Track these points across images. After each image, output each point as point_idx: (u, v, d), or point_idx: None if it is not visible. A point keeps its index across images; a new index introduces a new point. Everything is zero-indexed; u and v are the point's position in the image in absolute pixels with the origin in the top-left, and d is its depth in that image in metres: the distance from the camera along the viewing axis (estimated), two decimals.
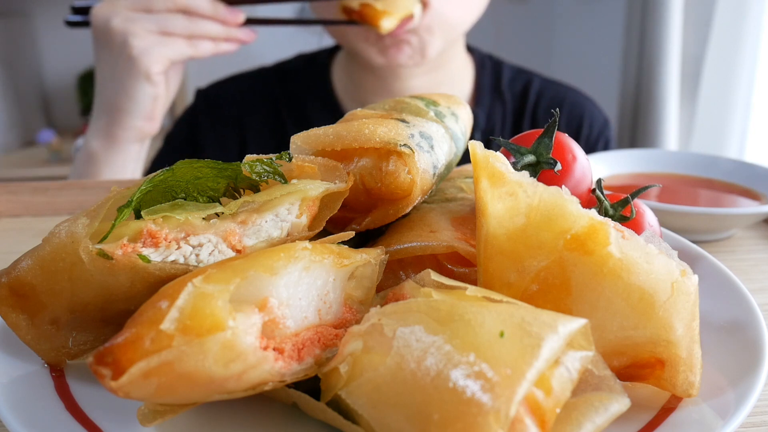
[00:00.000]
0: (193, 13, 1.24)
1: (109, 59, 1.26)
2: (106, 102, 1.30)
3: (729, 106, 2.54)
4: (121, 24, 1.22)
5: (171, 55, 1.25)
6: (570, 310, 0.52)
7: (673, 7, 2.61)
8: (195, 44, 1.26)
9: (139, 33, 1.22)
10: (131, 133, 1.30)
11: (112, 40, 1.24)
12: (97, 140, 1.31)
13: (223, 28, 1.27)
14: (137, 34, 1.22)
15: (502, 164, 0.56)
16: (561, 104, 1.62)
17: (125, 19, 1.22)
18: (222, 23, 1.26)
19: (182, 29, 1.24)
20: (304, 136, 0.63)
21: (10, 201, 1.11)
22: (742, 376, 0.56)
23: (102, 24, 1.24)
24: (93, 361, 0.42)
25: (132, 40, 1.22)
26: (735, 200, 1.08)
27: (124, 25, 1.22)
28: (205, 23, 1.25)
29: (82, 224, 0.51)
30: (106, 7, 1.25)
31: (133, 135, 1.30)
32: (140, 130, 1.30)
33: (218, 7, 1.25)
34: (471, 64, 1.64)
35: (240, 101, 1.64)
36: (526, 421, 0.43)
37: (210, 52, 1.28)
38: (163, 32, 1.23)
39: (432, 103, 0.75)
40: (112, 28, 1.23)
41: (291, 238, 0.57)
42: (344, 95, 1.59)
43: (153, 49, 1.22)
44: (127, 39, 1.22)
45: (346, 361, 0.48)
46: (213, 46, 1.28)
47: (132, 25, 1.22)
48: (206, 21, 1.25)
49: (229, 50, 1.30)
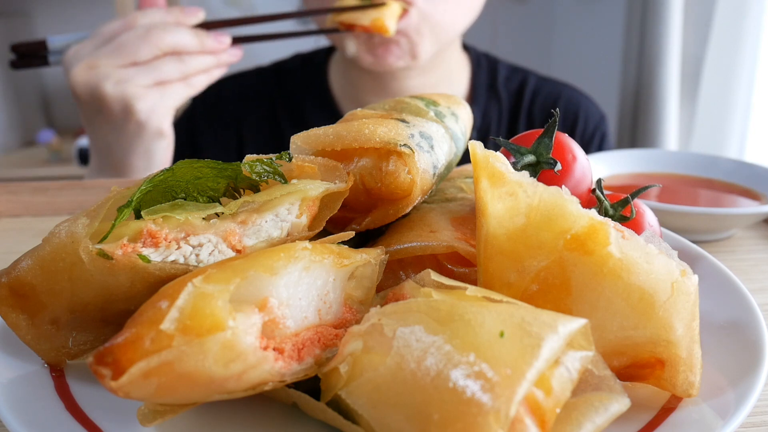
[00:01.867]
0: (180, 52, 1.14)
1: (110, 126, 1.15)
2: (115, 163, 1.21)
3: (729, 106, 2.54)
4: (116, 89, 1.09)
5: (174, 103, 1.17)
6: (570, 310, 0.52)
7: (673, 7, 2.61)
8: (190, 82, 1.18)
9: (139, 94, 1.10)
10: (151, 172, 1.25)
11: (109, 108, 1.11)
12: None
13: (213, 57, 1.18)
14: (138, 96, 1.10)
15: (502, 164, 0.56)
16: (556, 101, 1.63)
17: (119, 82, 1.09)
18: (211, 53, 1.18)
19: (177, 73, 1.14)
20: (304, 136, 0.63)
21: (10, 201, 1.11)
22: (742, 376, 0.56)
23: (90, 92, 1.10)
24: (93, 361, 0.42)
25: (135, 103, 1.10)
26: (735, 200, 1.08)
27: (121, 88, 1.09)
28: (196, 59, 1.16)
29: (82, 224, 0.51)
30: (88, 71, 1.10)
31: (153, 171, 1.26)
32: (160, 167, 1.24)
33: (203, 38, 1.15)
34: (467, 62, 1.65)
35: (237, 100, 1.64)
36: (526, 421, 0.43)
37: (204, 84, 1.20)
38: (160, 82, 1.13)
39: (432, 103, 0.75)
40: (106, 95, 1.10)
41: (291, 238, 0.57)
42: (340, 95, 1.59)
43: (158, 105, 1.13)
44: (128, 104, 1.10)
45: (346, 361, 0.48)
46: (206, 78, 1.20)
47: (129, 87, 1.10)
48: (196, 56, 1.16)
49: (219, 75, 1.23)
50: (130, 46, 1.09)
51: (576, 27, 3.71)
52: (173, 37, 1.11)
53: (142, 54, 1.10)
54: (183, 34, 1.13)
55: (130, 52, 1.09)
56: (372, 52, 1.36)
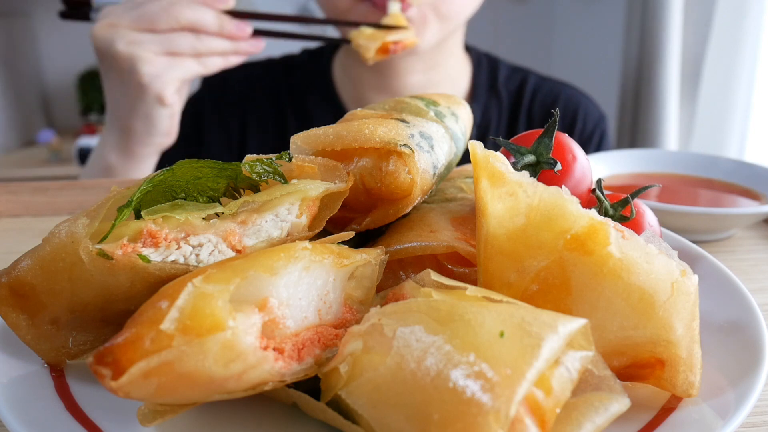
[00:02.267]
0: (199, 30, 1.17)
1: (118, 82, 1.20)
2: (120, 121, 1.25)
3: (729, 106, 2.54)
4: (126, 48, 1.14)
5: (181, 76, 1.19)
6: (570, 310, 0.52)
7: (673, 7, 2.61)
8: (204, 62, 1.20)
9: (146, 57, 1.14)
10: (150, 149, 1.27)
11: (118, 65, 1.16)
12: (114, 154, 1.29)
13: (231, 42, 1.21)
14: (145, 59, 1.14)
15: (502, 164, 0.56)
16: (556, 100, 1.63)
17: (129, 43, 1.14)
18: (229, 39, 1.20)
19: (190, 48, 1.17)
20: (304, 136, 0.63)
21: (10, 201, 1.11)
22: (742, 376, 0.56)
23: (105, 47, 1.16)
24: (93, 361, 0.42)
25: (140, 66, 1.14)
26: (735, 200, 1.08)
27: (130, 49, 1.14)
28: (213, 40, 1.19)
29: (82, 224, 0.51)
30: (107, 28, 1.16)
31: (151, 150, 1.28)
32: (159, 145, 1.28)
33: (224, 21, 1.19)
34: (468, 62, 1.66)
35: (244, 88, 1.66)
36: (526, 421, 0.43)
37: (219, 67, 1.23)
38: (171, 53, 1.17)
39: (432, 103, 0.75)
40: (117, 52, 1.15)
41: (291, 238, 0.57)
42: (343, 90, 1.61)
43: (163, 73, 1.16)
44: (134, 65, 1.15)
45: (346, 361, 0.48)
46: (222, 61, 1.22)
47: (138, 49, 1.14)
48: (213, 38, 1.19)
49: (237, 62, 1.25)
50: (152, 14, 1.15)
51: (576, 27, 3.71)
52: (194, 14, 1.16)
53: (161, 23, 1.15)
54: (205, 13, 1.17)
55: (149, 20, 1.15)
56: None
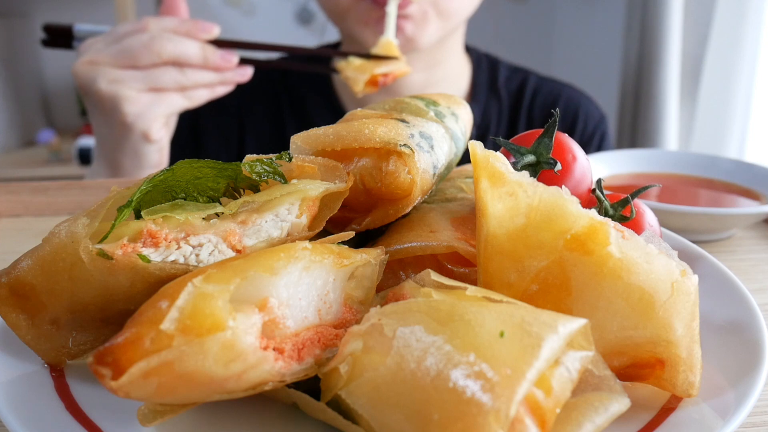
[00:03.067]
0: (183, 63, 1.12)
1: (103, 120, 1.17)
2: (108, 156, 1.23)
3: (729, 106, 2.54)
4: (108, 87, 1.10)
5: (166, 111, 1.15)
6: (570, 310, 0.52)
7: (673, 7, 2.61)
8: (189, 95, 1.16)
9: (129, 96, 1.11)
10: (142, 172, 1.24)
11: (101, 104, 1.12)
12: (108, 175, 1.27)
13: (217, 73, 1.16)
14: (127, 98, 1.10)
15: (502, 164, 0.56)
16: (556, 100, 1.64)
17: (111, 81, 1.10)
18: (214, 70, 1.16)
19: (174, 83, 1.13)
20: (304, 136, 0.63)
21: (10, 201, 1.11)
22: (742, 376, 0.56)
23: (86, 86, 1.12)
24: (93, 361, 0.42)
25: (123, 106, 1.11)
26: (735, 200, 1.08)
27: (112, 88, 1.10)
28: (198, 73, 1.14)
29: (82, 224, 0.51)
30: (87, 66, 1.12)
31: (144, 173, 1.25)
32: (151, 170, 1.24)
33: (209, 53, 1.13)
34: (468, 62, 1.66)
35: (242, 89, 1.66)
36: (526, 421, 0.43)
37: (206, 98, 1.19)
38: (155, 89, 1.12)
39: (432, 103, 0.75)
40: (99, 91, 1.11)
41: (291, 238, 0.57)
42: (342, 90, 1.60)
43: (147, 111, 1.13)
44: (117, 105, 1.11)
45: (346, 361, 0.48)
46: (208, 93, 1.19)
47: (120, 87, 1.10)
48: (198, 70, 1.14)
49: (224, 92, 1.22)
50: (133, 49, 1.10)
51: (576, 27, 3.71)
52: (177, 48, 1.11)
53: (143, 59, 1.10)
54: (188, 45, 1.12)
55: (131, 56, 1.10)
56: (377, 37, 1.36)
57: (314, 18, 3.72)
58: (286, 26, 3.73)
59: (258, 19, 3.70)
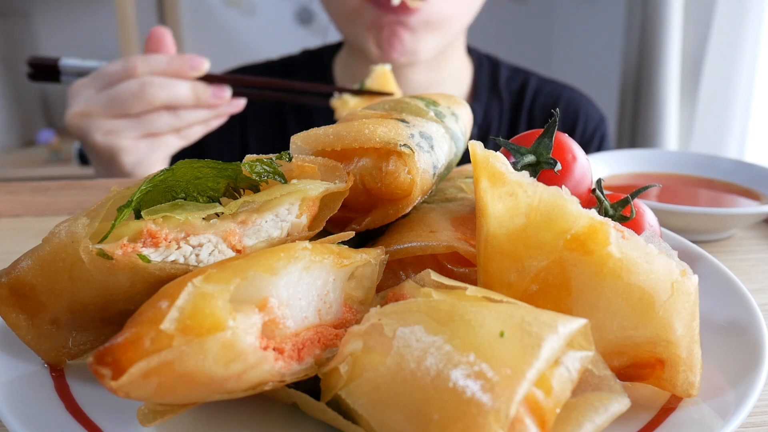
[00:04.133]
0: (175, 106, 1.12)
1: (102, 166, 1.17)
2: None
3: (729, 106, 2.54)
4: (103, 139, 1.11)
5: (164, 155, 1.16)
6: (570, 310, 0.52)
7: (673, 7, 2.61)
8: (185, 134, 1.17)
9: (126, 147, 1.11)
10: None
11: (99, 155, 1.13)
12: None
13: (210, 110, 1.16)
14: (124, 148, 1.11)
15: (502, 164, 0.56)
16: (557, 101, 1.64)
17: (107, 133, 1.11)
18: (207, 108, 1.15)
19: (169, 127, 1.13)
20: (304, 136, 0.63)
21: (10, 201, 1.11)
22: (742, 376, 0.56)
23: (81, 136, 1.13)
24: (93, 361, 0.42)
25: (122, 157, 1.11)
26: (735, 200, 1.08)
27: (107, 140, 1.11)
28: (191, 113, 1.14)
29: (82, 224, 0.51)
30: (80, 118, 1.12)
31: None
32: None
33: (200, 91, 1.13)
34: (469, 63, 1.67)
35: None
36: (526, 421, 0.43)
37: (201, 134, 1.19)
38: (150, 135, 1.13)
39: (432, 103, 0.75)
40: (95, 143, 1.11)
41: (291, 238, 0.57)
42: None
43: (145, 158, 1.13)
44: (115, 156, 1.11)
45: (346, 361, 0.48)
46: (203, 128, 1.19)
47: (116, 139, 1.10)
48: (191, 110, 1.14)
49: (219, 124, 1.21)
50: (124, 99, 1.09)
51: (576, 27, 3.71)
52: (168, 93, 1.10)
53: (135, 108, 1.10)
54: (179, 88, 1.11)
55: (123, 105, 1.09)
56: (379, 46, 1.40)
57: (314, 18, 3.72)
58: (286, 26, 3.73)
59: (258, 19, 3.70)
